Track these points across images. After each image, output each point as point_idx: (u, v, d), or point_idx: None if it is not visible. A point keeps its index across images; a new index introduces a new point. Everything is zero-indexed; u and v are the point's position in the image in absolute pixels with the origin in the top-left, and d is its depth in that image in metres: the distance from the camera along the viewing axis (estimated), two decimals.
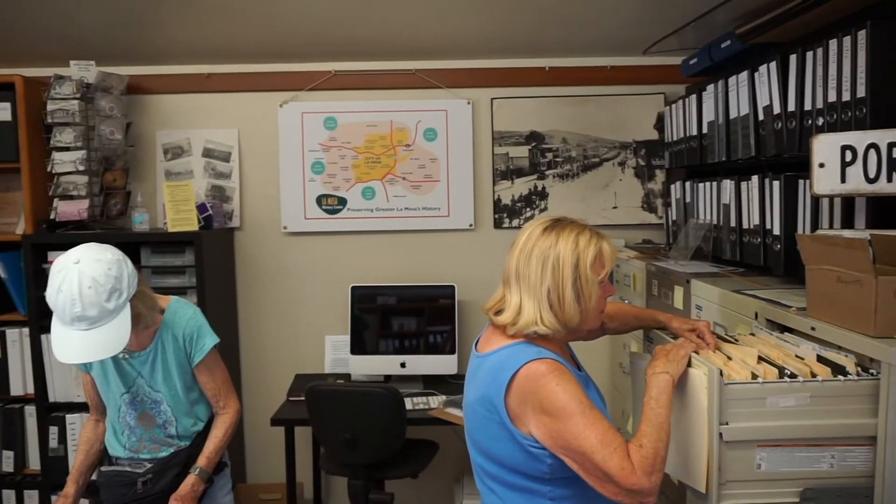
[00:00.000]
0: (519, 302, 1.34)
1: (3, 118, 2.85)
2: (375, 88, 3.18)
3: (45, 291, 1.49)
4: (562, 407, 1.23)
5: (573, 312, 1.32)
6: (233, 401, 1.84)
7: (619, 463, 1.18)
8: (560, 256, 1.32)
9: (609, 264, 1.37)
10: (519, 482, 1.33)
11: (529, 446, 1.28)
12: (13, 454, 2.98)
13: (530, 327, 1.32)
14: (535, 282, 1.32)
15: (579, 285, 1.32)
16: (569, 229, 1.35)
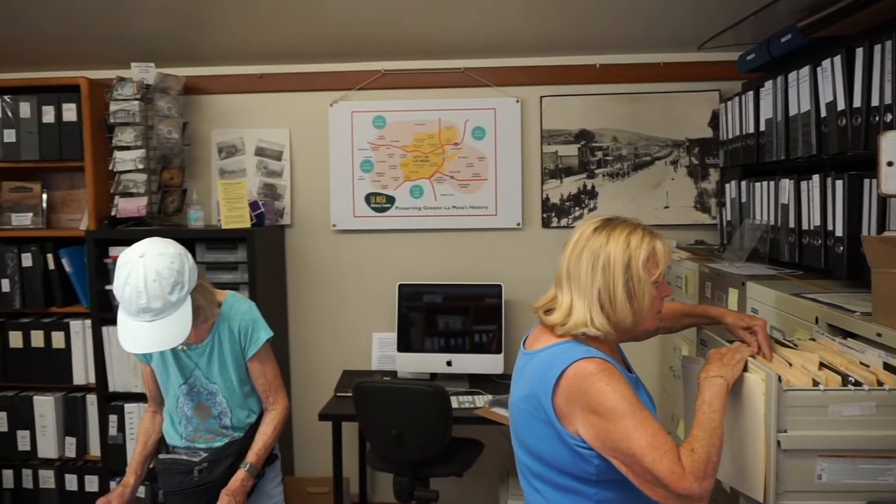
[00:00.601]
0: (570, 303, 1.32)
1: (69, 119, 2.97)
2: (424, 87, 3.19)
3: (112, 283, 1.55)
4: (611, 407, 1.21)
5: (625, 313, 1.30)
6: (282, 397, 1.87)
7: (670, 466, 1.16)
8: (611, 256, 1.30)
9: (663, 264, 1.33)
10: (564, 482, 1.31)
11: (576, 446, 1.26)
12: (75, 440, 3.11)
13: (580, 328, 1.30)
14: (585, 282, 1.30)
15: (631, 285, 1.30)
16: (620, 228, 1.33)
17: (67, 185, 3.26)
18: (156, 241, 1.61)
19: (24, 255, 3.03)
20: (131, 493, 1.77)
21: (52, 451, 3.10)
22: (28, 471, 3.13)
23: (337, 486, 2.81)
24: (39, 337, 3.06)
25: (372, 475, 3.34)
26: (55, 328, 3.05)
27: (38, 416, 3.09)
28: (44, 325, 3.06)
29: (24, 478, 3.14)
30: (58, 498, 3.12)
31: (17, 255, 3.03)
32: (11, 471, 3.15)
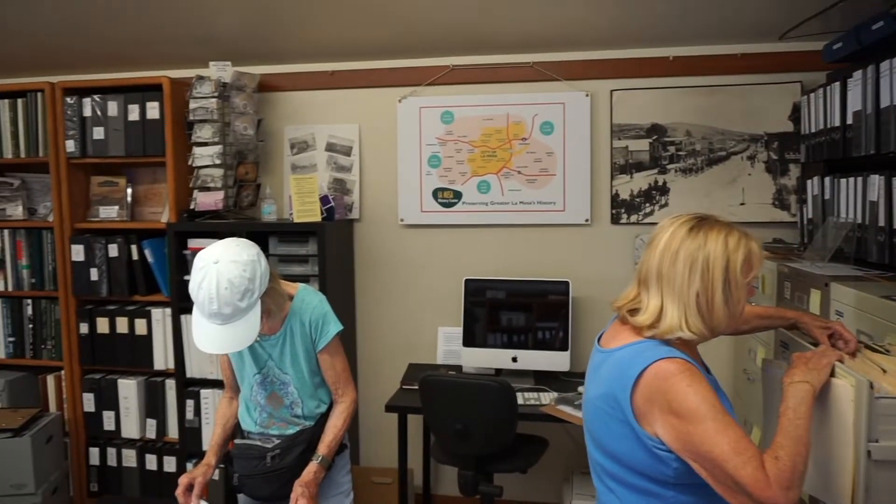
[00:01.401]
0: (660, 305, 1.28)
1: (153, 116, 3.11)
2: (492, 82, 3.18)
3: (189, 284, 1.60)
4: (692, 409, 1.17)
5: (722, 317, 1.27)
6: (350, 390, 1.90)
7: (753, 474, 1.12)
8: (710, 259, 1.25)
9: (758, 266, 1.29)
10: (640, 483, 1.29)
11: (654, 447, 1.24)
12: (155, 423, 3.26)
13: (674, 333, 1.26)
14: (681, 285, 1.26)
15: (729, 289, 1.26)
16: (717, 229, 1.28)
17: (150, 180, 3.42)
18: (231, 246, 1.63)
19: (110, 246, 3.19)
20: (211, 472, 1.84)
21: (134, 432, 3.27)
22: (112, 449, 3.31)
23: (402, 477, 2.85)
24: (124, 323, 3.22)
25: (436, 468, 3.37)
26: (138, 315, 3.21)
27: (122, 398, 3.26)
28: (128, 312, 3.23)
29: (109, 456, 3.32)
30: (139, 476, 3.29)
31: (105, 245, 3.19)
32: (98, 449, 3.34)
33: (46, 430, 3.15)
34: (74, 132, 3.19)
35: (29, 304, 3.38)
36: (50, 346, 3.37)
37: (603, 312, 3.10)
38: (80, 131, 3.18)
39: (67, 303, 3.27)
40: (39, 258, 3.33)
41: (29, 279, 3.35)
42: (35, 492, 3.04)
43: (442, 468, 3.36)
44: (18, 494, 3.02)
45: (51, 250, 3.30)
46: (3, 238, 3.36)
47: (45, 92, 3.20)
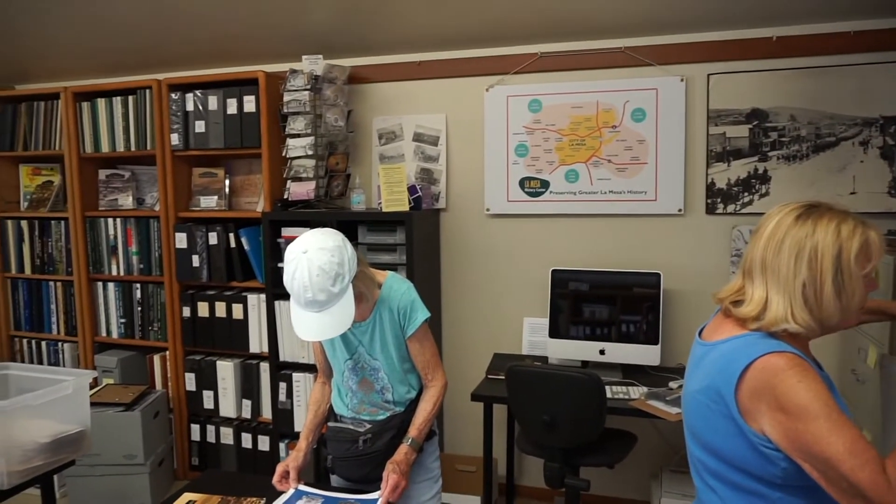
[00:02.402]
0: (764, 296, 1.22)
1: (249, 109, 3.24)
2: (581, 69, 3.11)
3: (283, 277, 1.66)
4: (803, 406, 1.11)
5: (832, 310, 1.19)
6: (440, 374, 1.92)
7: (872, 477, 1.04)
8: (819, 247, 1.18)
9: (877, 257, 1.20)
10: (744, 483, 1.23)
11: (761, 445, 1.17)
12: (251, 403, 3.41)
13: (779, 325, 1.20)
14: (786, 274, 1.20)
15: (840, 280, 1.18)
16: (828, 216, 1.21)
17: (246, 171, 3.57)
18: (317, 235, 1.68)
19: (210, 234, 3.36)
20: (304, 457, 1.91)
21: (231, 411, 3.44)
22: (212, 427, 3.50)
23: (487, 465, 2.85)
24: (222, 308, 3.38)
25: (520, 458, 3.36)
26: (235, 301, 3.36)
27: (220, 378, 3.43)
28: (226, 297, 3.39)
29: (209, 433, 3.51)
30: (235, 453, 3.46)
31: (205, 234, 3.36)
32: (198, 425, 3.53)
33: (153, 406, 3.36)
34: (178, 126, 3.36)
35: (138, 288, 3.61)
36: (156, 327, 3.59)
37: (696, 305, 2.99)
38: (184, 125, 3.36)
39: (172, 287, 3.47)
40: (147, 245, 3.54)
41: (138, 265, 3.57)
42: (144, 462, 3.26)
43: (526, 459, 3.34)
44: (130, 464, 3.24)
45: (157, 238, 3.51)
46: (115, 226, 3.60)
47: (152, 89, 3.39)
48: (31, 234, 3.82)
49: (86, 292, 3.67)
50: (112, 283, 3.66)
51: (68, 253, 3.72)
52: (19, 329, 3.91)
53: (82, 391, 2.22)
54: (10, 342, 3.92)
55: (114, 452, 3.21)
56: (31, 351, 3.90)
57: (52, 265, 3.78)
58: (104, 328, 3.71)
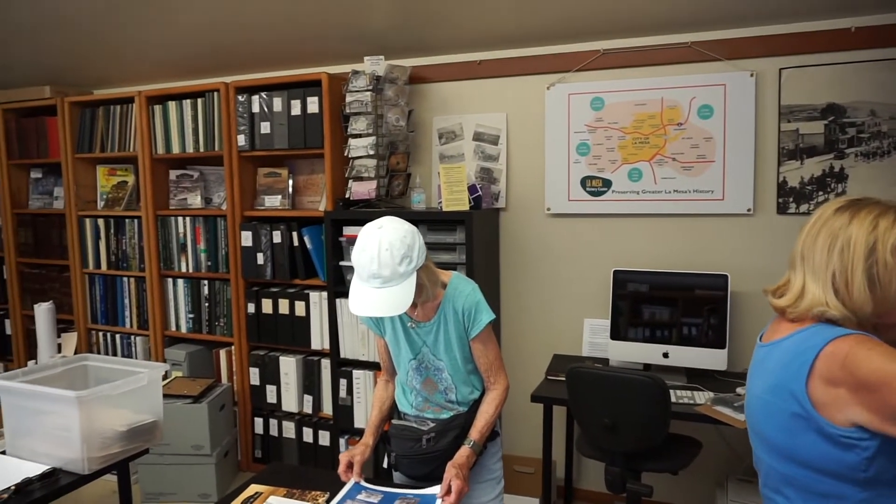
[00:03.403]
0: (801, 285, 1.23)
1: (312, 111, 3.30)
2: (646, 65, 3.04)
3: (345, 260, 1.68)
4: (884, 371, 1.07)
5: (863, 300, 1.17)
6: (502, 377, 1.91)
7: None
8: (852, 238, 1.18)
9: None
10: (823, 486, 1.17)
11: (842, 437, 1.12)
12: (312, 398, 3.48)
13: (816, 308, 1.19)
14: (819, 263, 1.21)
15: (875, 271, 1.16)
16: (867, 210, 1.20)
17: (308, 171, 3.64)
18: (394, 218, 1.73)
19: (274, 233, 3.44)
20: (370, 452, 1.93)
21: (293, 406, 3.52)
22: (274, 420, 3.59)
23: (546, 467, 2.83)
24: (285, 305, 3.46)
25: (579, 461, 3.31)
26: (298, 298, 3.43)
27: (283, 374, 3.51)
28: (289, 294, 3.46)
29: (271, 426, 3.60)
30: (297, 447, 3.53)
31: (269, 232, 3.44)
32: (261, 419, 3.62)
33: (220, 399, 3.47)
34: (245, 127, 3.46)
35: (205, 284, 3.73)
36: (222, 323, 3.71)
37: (765, 309, 2.88)
38: (250, 126, 3.45)
39: (237, 284, 3.58)
40: (214, 243, 3.66)
41: (205, 262, 3.69)
42: (210, 453, 3.37)
43: (585, 462, 3.30)
44: (197, 454, 3.35)
45: (224, 236, 3.62)
46: (184, 225, 3.74)
47: (220, 91, 3.50)
48: (106, 232, 4.00)
49: (157, 288, 3.82)
50: (181, 280, 3.80)
51: (141, 250, 3.87)
52: (96, 322, 4.10)
53: (156, 383, 2.31)
54: (87, 335, 4.12)
55: (182, 443, 3.33)
56: (106, 343, 4.09)
57: (126, 262, 3.95)
58: (173, 323, 3.85)
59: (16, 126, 4.21)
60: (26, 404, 2.13)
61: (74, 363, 2.43)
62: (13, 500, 1.89)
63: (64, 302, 4.15)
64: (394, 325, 1.90)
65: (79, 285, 4.08)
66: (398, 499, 1.77)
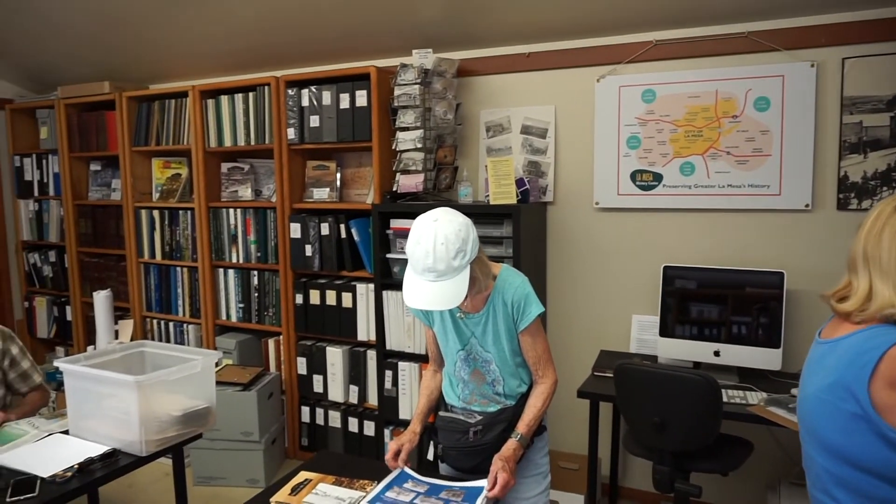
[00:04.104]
0: (868, 286, 1.19)
1: (361, 104, 3.33)
2: (700, 56, 2.96)
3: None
4: None
5: None
6: (551, 372, 1.90)
7: None
8: None
9: None
10: (877, 490, 1.13)
11: None
12: (357, 389, 3.52)
13: (886, 309, 1.16)
14: (887, 261, 1.18)
15: None
16: None
17: (356, 164, 3.67)
18: (448, 210, 1.73)
19: (322, 225, 3.48)
20: (417, 439, 1.94)
21: (339, 396, 3.57)
22: (321, 409, 3.65)
23: (592, 464, 2.80)
24: (332, 296, 3.51)
25: (624, 459, 3.27)
26: (345, 290, 3.47)
27: (330, 364, 3.57)
28: (336, 286, 3.51)
29: (318, 415, 3.66)
30: (342, 436, 3.58)
31: (318, 224, 3.49)
32: (308, 408, 3.69)
33: (268, 388, 3.55)
34: (294, 121, 3.51)
35: (255, 275, 3.81)
36: (271, 313, 3.78)
37: (823, 308, 2.77)
38: (299, 120, 3.50)
39: (286, 275, 3.64)
40: (264, 234, 3.73)
41: (255, 253, 3.77)
42: (259, 440, 3.44)
43: (630, 460, 3.25)
44: (246, 441, 3.44)
45: (273, 227, 3.68)
46: (235, 216, 3.82)
47: (270, 86, 3.56)
48: (161, 223, 4.12)
49: (208, 278, 3.92)
50: (232, 270, 3.89)
51: (193, 241, 3.98)
52: (150, 310, 4.23)
53: (209, 370, 2.37)
54: (142, 322, 4.25)
55: (232, 429, 3.41)
56: (160, 330, 4.22)
57: (179, 252, 4.06)
58: (224, 312, 3.95)
59: (77, 120, 4.37)
60: (88, 387, 2.22)
61: (132, 349, 2.52)
62: (77, 477, 1.98)
63: (121, 290, 4.30)
64: (442, 316, 1.90)
65: (135, 274, 4.22)
66: (444, 490, 1.78)
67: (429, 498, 1.74)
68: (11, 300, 4.86)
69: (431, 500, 1.74)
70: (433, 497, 1.75)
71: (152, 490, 3.44)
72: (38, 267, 4.78)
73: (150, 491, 3.43)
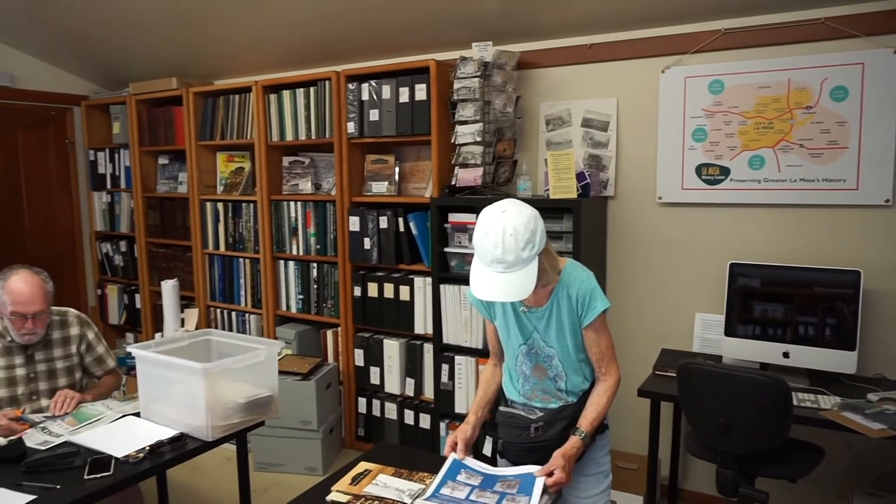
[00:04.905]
0: None
1: (420, 98, 3.33)
2: (771, 45, 2.84)
3: (473, 235, 1.68)
4: None
5: None
6: (614, 369, 1.85)
7: None
8: None
9: None
10: None
11: None
12: (414, 382, 3.54)
13: None
14: None
15: None
16: None
17: (414, 157, 3.69)
18: (516, 201, 1.71)
19: (381, 218, 3.51)
20: (472, 430, 1.93)
21: (395, 388, 3.60)
22: (377, 401, 3.68)
23: (651, 464, 2.74)
24: (390, 289, 3.54)
25: (685, 461, 3.19)
26: (402, 283, 3.49)
27: (387, 356, 3.60)
28: (394, 279, 3.53)
29: (374, 406, 3.70)
30: (398, 428, 3.61)
31: (376, 217, 3.52)
32: (365, 399, 3.73)
33: (326, 378, 3.61)
34: (354, 115, 3.54)
35: (314, 267, 3.88)
36: (329, 304, 3.84)
37: None
38: (359, 114, 3.53)
39: (345, 268, 3.69)
40: (323, 227, 3.79)
41: (315, 246, 3.83)
42: (317, 429, 3.51)
43: (691, 462, 3.17)
44: (305, 429, 3.51)
45: (332, 220, 3.74)
46: (296, 209, 3.89)
47: (331, 80, 3.60)
48: (225, 215, 4.23)
49: (270, 269, 4.01)
50: (292, 262, 3.96)
51: (255, 233, 4.07)
52: (214, 300, 4.36)
53: (272, 359, 2.42)
54: (206, 311, 4.39)
55: (291, 417, 3.48)
56: (222, 320, 4.34)
57: (242, 244, 4.17)
58: (284, 303, 4.03)
59: (147, 116, 4.53)
60: (158, 372, 2.30)
61: (199, 337, 2.59)
62: (148, 459, 2.05)
63: (186, 280, 4.44)
64: (504, 310, 1.89)
65: (199, 265, 4.36)
66: (498, 482, 1.77)
67: (484, 492, 1.73)
68: (86, 288, 5.09)
69: (487, 493, 1.72)
70: (488, 490, 1.74)
71: (214, 474, 3.55)
72: (109, 256, 4.99)
73: (213, 474, 3.54)
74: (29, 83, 4.59)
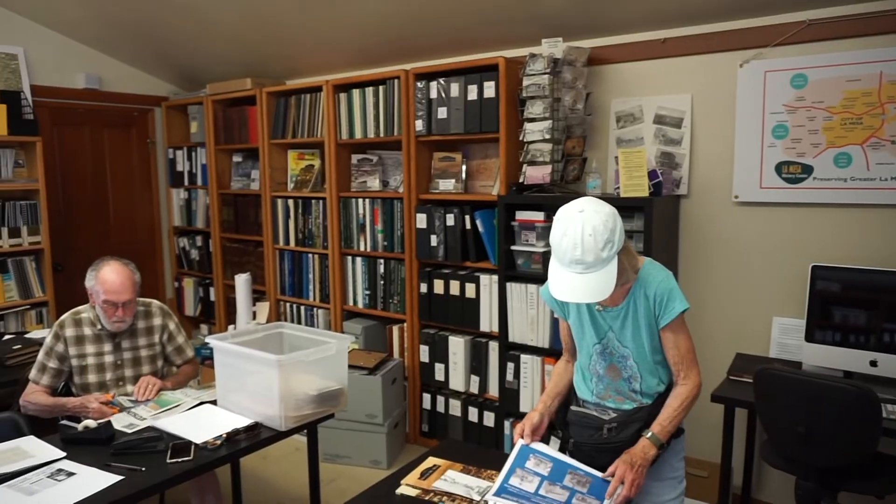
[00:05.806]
0: None
1: (489, 95, 3.32)
2: (861, 36, 2.69)
3: (551, 235, 1.66)
4: None
5: None
6: (694, 374, 1.79)
7: None
8: None
9: None
10: None
11: None
12: (478, 379, 3.55)
13: None
14: None
15: None
16: None
17: (481, 155, 3.68)
18: (592, 199, 1.68)
19: (447, 216, 3.52)
20: (540, 417, 1.90)
21: (460, 385, 3.61)
22: (441, 398, 3.71)
23: (725, 472, 2.65)
24: (456, 286, 3.55)
25: (759, 470, 3.07)
26: (468, 280, 3.50)
27: (452, 353, 3.61)
28: (460, 276, 3.54)
29: (438, 402, 3.73)
30: (462, 425, 3.62)
31: (443, 215, 3.54)
32: (429, 395, 3.76)
33: (392, 373, 3.65)
34: (422, 113, 3.57)
35: (381, 263, 3.93)
36: (395, 300, 3.88)
37: None
38: (427, 112, 3.56)
39: (411, 264, 3.72)
40: (391, 224, 3.83)
41: (382, 242, 3.89)
42: (382, 423, 3.56)
43: (766, 471, 3.05)
44: (371, 423, 3.56)
45: (399, 217, 3.78)
46: (364, 206, 3.95)
47: (400, 78, 3.64)
48: (295, 212, 4.34)
49: (337, 265, 4.09)
50: (359, 258, 4.03)
51: (324, 229, 4.16)
52: (284, 294, 4.48)
53: (342, 353, 2.47)
54: (276, 305, 4.52)
55: (358, 411, 3.54)
56: (291, 313, 4.46)
57: (311, 239, 4.27)
58: (351, 298, 4.10)
59: (222, 115, 4.70)
60: (234, 363, 2.38)
61: (272, 330, 2.67)
62: (225, 446, 2.13)
63: (257, 274, 4.58)
64: (579, 308, 1.86)
65: (270, 260, 4.49)
66: (567, 473, 1.74)
67: (554, 486, 1.72)
68: (164, 280, 5.32)
69: (557, 488, 1.71)
70: (558, 485, 1.72)
71: (284, 462, 3.65)
72: (186, 250, 5.20)
73: (283, 463, 3.64)
74: (115, 85, 4.83)
